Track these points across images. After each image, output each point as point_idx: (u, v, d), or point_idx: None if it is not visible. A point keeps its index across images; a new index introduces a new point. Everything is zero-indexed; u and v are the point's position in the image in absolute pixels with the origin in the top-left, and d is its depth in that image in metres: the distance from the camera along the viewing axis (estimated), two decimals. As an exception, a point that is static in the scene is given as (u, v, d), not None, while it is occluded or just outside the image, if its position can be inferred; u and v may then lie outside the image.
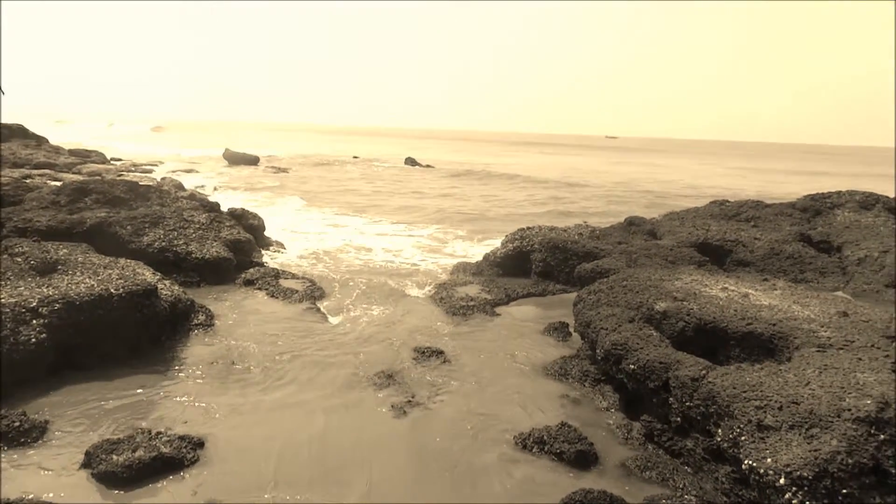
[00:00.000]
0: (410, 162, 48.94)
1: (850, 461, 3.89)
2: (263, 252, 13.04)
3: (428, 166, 47.26)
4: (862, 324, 6.24)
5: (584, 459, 5.38)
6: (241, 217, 13.51)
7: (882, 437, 4.01)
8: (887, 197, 14.63)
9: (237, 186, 28.33)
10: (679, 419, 5.41)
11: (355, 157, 54.85)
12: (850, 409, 4.20)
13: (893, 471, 3.88)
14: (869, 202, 14.23)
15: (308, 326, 8.70)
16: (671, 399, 5.46)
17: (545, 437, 5.62)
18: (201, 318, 8.46)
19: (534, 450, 5.54)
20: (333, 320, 9.14)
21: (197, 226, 11.77)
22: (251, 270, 11.21)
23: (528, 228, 12.77)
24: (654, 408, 5.86)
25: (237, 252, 11.57)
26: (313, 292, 10.29)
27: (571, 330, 8.47)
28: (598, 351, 6.61)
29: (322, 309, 9.57)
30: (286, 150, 62.86)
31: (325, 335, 8.37)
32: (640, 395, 6.09)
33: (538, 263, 11.37)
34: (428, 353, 7.72)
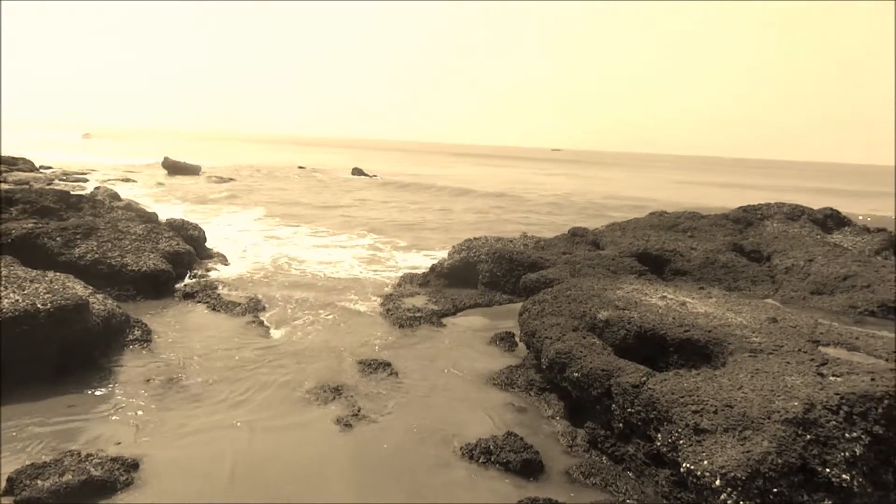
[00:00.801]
0: (357, 172, 48.64)
1: (779, 461, 4.07)
2: (205, 264, 12.66)
3: (374, 177, 47.09)
4: (790, 329, 6.56)
5: (529, 468, 5.43)
6: (180, 228, 13.09)
7: (808, 437, 4.21)
8: (812, 209, 15.50)
9: (177, 197, 27.47)
10: (621, 425, 5.54)
11: (301, 168, 54.11)
12: (779, 411, 4.39)
13: (819, 469, 4.08)
14: (795, 213, 15.04)
15: (251, 340, 8.48)
16: (614, 406, 5.58)
17: (491, 447, 5.64)
18: (137, 333, 8.12)
19: (480, 460, 5.55)
20: (277, 334, 8.94)
21: (133, 237, 11.33)
22: (191, 283, 10.86)
23: (475, 239, 12.87)
24: (597, 415, 5.97)
25: (176, 264, 11.19)
26: (256, 305, 10.05)
27: (518, 340, 8.57)
28: (543, 360, 6.70)
29: (265, 322, 9.35)
30: (229, 159, 61.45)
31: (268, 349, 8.18)
32: (584, 403, 6.20)
33: (485, 274, 11.47)
34: (374, 366, 7.65)
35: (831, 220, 15.24)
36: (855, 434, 4.26)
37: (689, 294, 8.22)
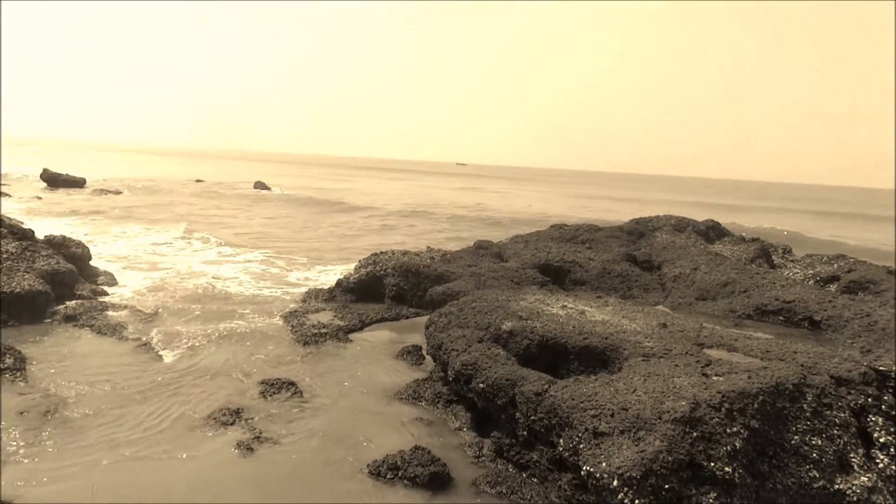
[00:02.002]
0: (260, 186, 47.13)
1: (670, 458, 4.30)
2: (89, 284, 11.73)
3: (277, 191, 45.84)
4: (678, 333, 7.00)
5: (437, 481, 5.42)
6: (60, 245, 12.08)
7: (695, 434, 4.49)
8: (696, 221, 16.71)
9: (58, 212, 25.37)
10: (525, 433, 5.65)
11: (199, 181, 51.69)
12: (668, 412, 4.65)
13: (705, 464, 4.35)
14: (682, 225, 16.14)
15: (141, 365, 7.94)
16: (518, 414, 5.70)
17: (399, 463, 5.58)
18: (9, 361, 7.39)
19: (388, 476, 5.48)
20: (170, 356, 8.41)
21: (4, 256, 10.32)
22: (73, 304, 10.03)
23: (382, 253, 12.80)
24: (503, 424, 6.07)
25: (56, 285, 10.31)
26: (146, 326, 9.43)
27: (425, 353, 8.57)
28: (449, 372, 6.73)
29: (157, 344, 8.78)
30: (119, 171, 57.72)
31: (160, 373, 7.68)
32: (490, 413, 6.29)
33: (392, 288, 11.41)
34: (278, 385, 7.38)
35: (713, 231, 16.51)
36: (735, 429, 4.59)
37: (588, 303, 8.58)
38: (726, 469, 4.35)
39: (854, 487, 4.75)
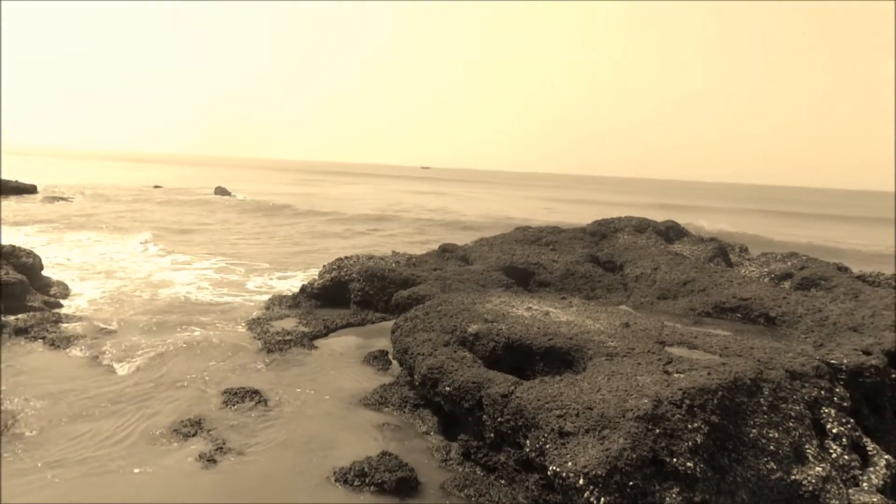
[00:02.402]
0: (221, 192, 46.25)
1: (633, 455, 4.37)
2: (41, 295, 11.32)
3: (239, 196, 45.07)
4: (640, 332, 7.13)
5: (405, 486, 5.39)
6: (10, 255, 11.63)
7: (658, 430, 4.57)
8: (656, 222, 17.06)
9: (8, 220, 24.42)
10: (492, 435, 5.67)
11: (157, 187, 50.46)
12: (632, 410, 4.73)
13: (668, 460, 4.43)
14: (642, 226, 16.46)
15: (97, 378, 7.70)
16: (485, 416, 5.71)
17: (366, 469, 5.54)
18: (-46, 377, 7.07)
19: (355, 483, 5.43)
20: (128, 368, 8.16)
21: (-51, 267, 9.89)
22: (24, 317, 9.66)
23: (347, 258, 12.70)
24: (470, 427, 6.08)
25: (6, 297, 9.92)
26: (103, 338, 9.15)
27: (391, 357, 8.53)
28: (415, 376, 6.71)
29: (114, 356, 8.51)
30: (73, 178, 55.91)
31: (117, 386, 7.46)
32: (457, 416, 6.28)
33: (357, 293, 11.33)
34: (241, 394, 7.24)
35: (672, 232, 16.88)
36: (696, 424, 4.69)
37: (553, 304, 8.67)
38: (688, 464, 4.44)
39: (809, 478, 4.91)
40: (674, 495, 4.31)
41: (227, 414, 6.78)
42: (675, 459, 4.45)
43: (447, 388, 6.12)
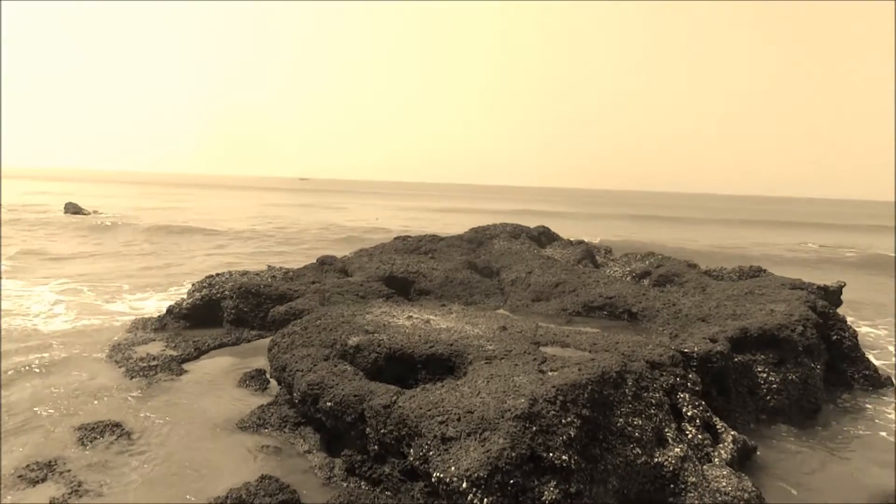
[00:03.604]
0: (72, 209, 42.10)
1: (513, 454, 4.50)
2: None
3: (95, 212, 41.33)
4: (517, 334, 7.40)
5: (287, 510, 5.18)
6: None
7: (535, 428, 4.75)
8: (529, 227, 17.88)
9: None
10: (376, 447, 5.61)
11: (-6, 205, 44.93)
12: (510, 410, 4.88)
13: (545, 455, 4.62)
14: (517, 232, 17.17)
15: (-81, 423, 6.69)
16: (368, 429, 5.64)
17: (244, 496, 5.26)
18: None
19: (232, 512, 5.13)
20: (-39, 409, 7.18)
21: None
22: None
23: (218, 275, 12.05)
24: (353, 441, 5.97)
25: None
26: (-72, 377, 7.97)
27: (269, 376, 8.19)
28: (295, 393, 6.49)
29: (-58, 397, 7.46)
30: None
31: (-53, 430, 6.53)
32: (339, 432, 6.15)
33: (230, 311, 10.78)
34: (99, 429, 6.60)
35: (544, 237, 17.78)
36: (569, 419, 4.94)
37: (433, 311, 8.77)
38: (563, 457, 4.65)
39: (670, 458, 5.33)
40: (551, 489, 4.50)
41: (82, 452, 6.16)
42: (551, 454, 4.64)
43: (328, 404, 5.97)
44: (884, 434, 7.52)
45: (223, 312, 10.94)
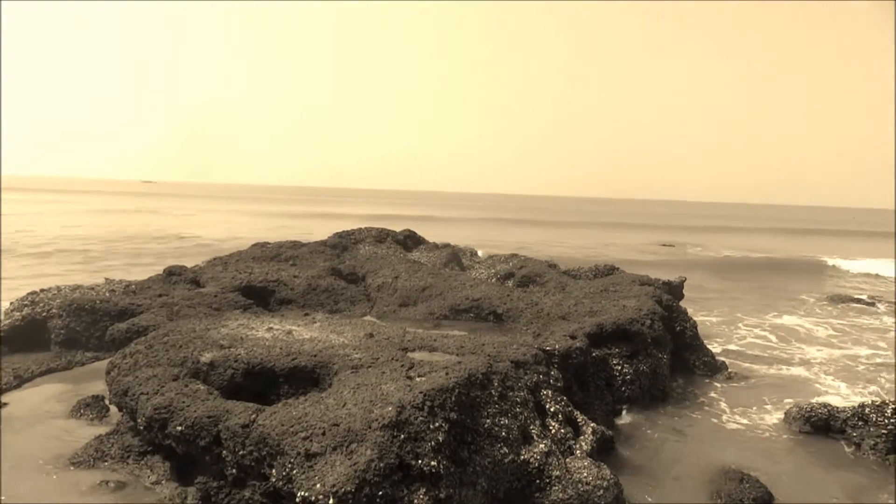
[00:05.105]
0: None
1: (381, 465, 4.34)
2: None
3: None
4: (384, 341, 7.24)
5: (129, 552, 4.61)
6: None
7: (402, 436, 4.63)
8: (395, 231, 17.79)
9: None
10: (235, 471, 5.17)
11: None
12: (377, 419, 4.72)
13: (413, 462, 4.51)
14: (382, 236, 17.01)
15: None
16: (224, 452, 5.19)
17: (77, 543, 4.60)
18: None
19: (61, 564, 4.46)
20: None
21: None
22: None
23: (43, 291, 10.62)
24: (208, 467, 5.47)
25: None
26: None
27: (108, 403, 7.31)
28: (139, 419, 5.82)
29: None
30: None
31: None
32: (192, 458, 5.61)
33: (59, 331, 9.53)
34: None
35: (410, 241, 17.77)
36: (437, 424, 4.87)
37: (295, 322, 8.36)
38: (432, 463, 4.57)
39: (535, 455, 5.46)
40: (421, 496, 4.40)
41: None
42: (419, 461, 4.55)
43: (178, 428, 5.42)
44: (717, 414, 8.37)
45: (51, 334, 9.64)
